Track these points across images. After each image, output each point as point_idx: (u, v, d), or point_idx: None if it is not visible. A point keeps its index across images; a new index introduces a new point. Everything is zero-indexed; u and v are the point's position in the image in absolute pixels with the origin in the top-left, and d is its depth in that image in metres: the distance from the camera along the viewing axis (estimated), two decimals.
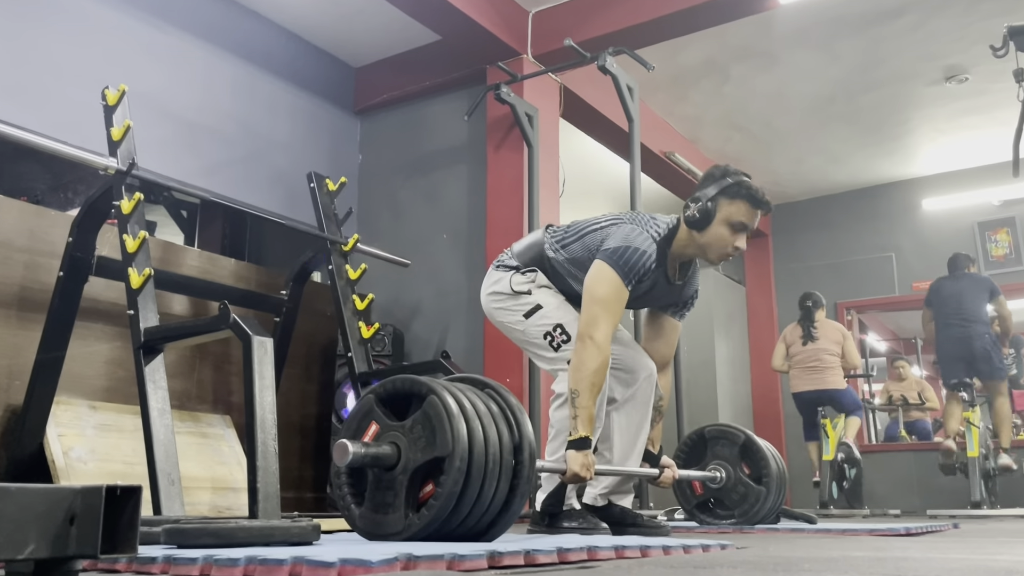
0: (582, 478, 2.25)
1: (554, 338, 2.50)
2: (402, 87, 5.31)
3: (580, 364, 2.30)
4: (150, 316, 2.71)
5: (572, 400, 2.29)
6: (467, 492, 1.68)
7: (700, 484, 3.15)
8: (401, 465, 1.73)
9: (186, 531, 1.54)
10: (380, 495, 1.75)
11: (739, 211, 2.42)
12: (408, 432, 1.74)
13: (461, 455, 1.66)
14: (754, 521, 3.05)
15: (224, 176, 4.63)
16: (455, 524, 1.70)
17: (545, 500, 2.49)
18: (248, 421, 2.41)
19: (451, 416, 1.69)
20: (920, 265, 7.22)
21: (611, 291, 2.36)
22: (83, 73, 3.93)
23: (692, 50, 5.30)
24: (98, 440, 3.21)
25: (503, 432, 1.77)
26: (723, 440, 3.14)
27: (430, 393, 1.74)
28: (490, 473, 1.71)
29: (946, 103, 6.05)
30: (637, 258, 2.38)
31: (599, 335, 2.31)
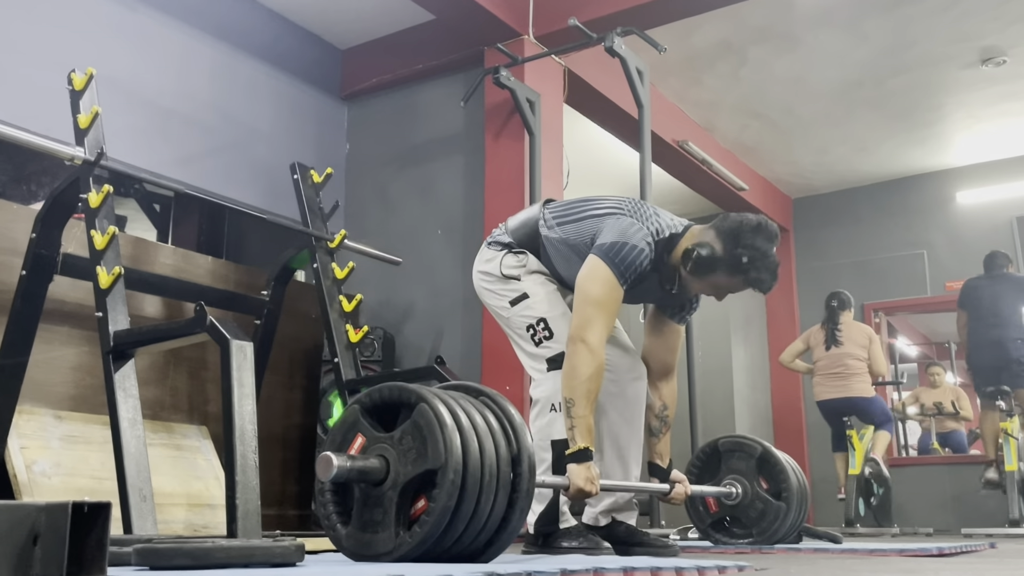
0: (587, 493, 2.25)
1: (536, 332, 2.53)
2: (393, 70, 5.31)
3: (573, 370, 2.30)
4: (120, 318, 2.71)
5: (567, 410, 2.29)
6: (462, 507, 1.67)
7: (715, 501, 3.15)
8: (390, 480, 1.72)
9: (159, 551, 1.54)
10: (368, 512, 1.75)
11: (732, 285, 2.45)
12: (397, 444, 1.74)
13: (455, 467, 1.66)
14: (774, 540, 3.05)
15: (200, 167, 4.63)
16: (449, 542, 1.70)
17: (538, 521, 2.49)
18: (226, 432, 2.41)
19: (443, 426, 1.68)
20: (954, 263, 7.23)
21: (605, 291, 2.36)
22: (47, 55, 3.93)
23: (707, 31, 5.29)
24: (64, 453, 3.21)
25: (500, 443, 1.77)
26: (739, 453, 3.14)
27: (420, 401, 1.73)
28: (487, 487, 1.70)
29: (982, 87, 6.05)
30: (634, 256, 2.38)
31: (593, 338, 2.31)
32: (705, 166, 6.39)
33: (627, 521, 2.63)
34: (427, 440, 1.69)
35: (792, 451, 7.50)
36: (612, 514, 2.62)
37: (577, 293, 2.42)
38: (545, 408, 2.49)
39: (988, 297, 5.86)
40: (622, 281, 2.38)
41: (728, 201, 7.07)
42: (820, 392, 6.06)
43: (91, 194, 2.84)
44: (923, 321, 9.65)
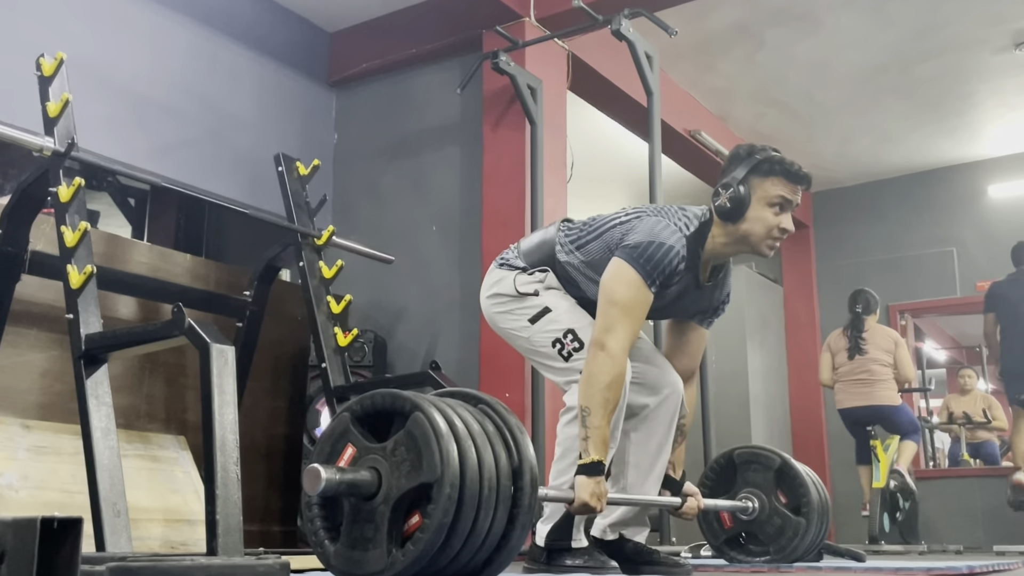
0: (592, 508, 2.24)
1: (564, 346, 2.49)
2: (384, 55, 5.31)
3: (591, 377, 2.29)
4: (92, 321, 2.71)
5: (583, 419, 2.28)
6: (459, 524, 1.67)
7: (729, 516, 3.15)
8: (382, 494, 1.72)
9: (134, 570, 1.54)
10: (358, 529, 1.75)
11: (777, 187, 2.42)
12: (390, 455, 1.74)
13: (451, 481, 1.65)
14: (792, 558, 3.05)
15: (178, 158, 4.63)
16: (445, 561, 1.69)
17: (549, 534, 2.49)
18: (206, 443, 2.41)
19: (439, 436, 1.68)
20: (985, 261, 7.22)
21: (631, 293, 2.34)
22: (13, 38, 3.93)
23: (721, 12, 5.30)
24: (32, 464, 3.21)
25: (500, 455, 1.76)
26: (755, 465, 3.14)
27: (415, 410, 1.73)
28: (485, 501, 1.70)
29: (1016, 73, 6.06)
30: (662, 255, 2.36)
31: (614, 344, 2.30)
32: (719, 157, 6.39)
33: (635, 539, 2.63)
34: (422, 451, 1.69)
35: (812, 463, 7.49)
36: (620, 530, 2.62)
37: (600, 296, 2.39)
38: (576, 417, 2.49)
39: (1016, 298, 5.84)
40: (649, 283, 2.35)
41: None
42: (842, 400, 6.06)
43: (61, 187, 2.85)
44: (952, 323, 9.65)
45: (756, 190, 2.42)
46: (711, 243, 2.49)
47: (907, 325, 7.76)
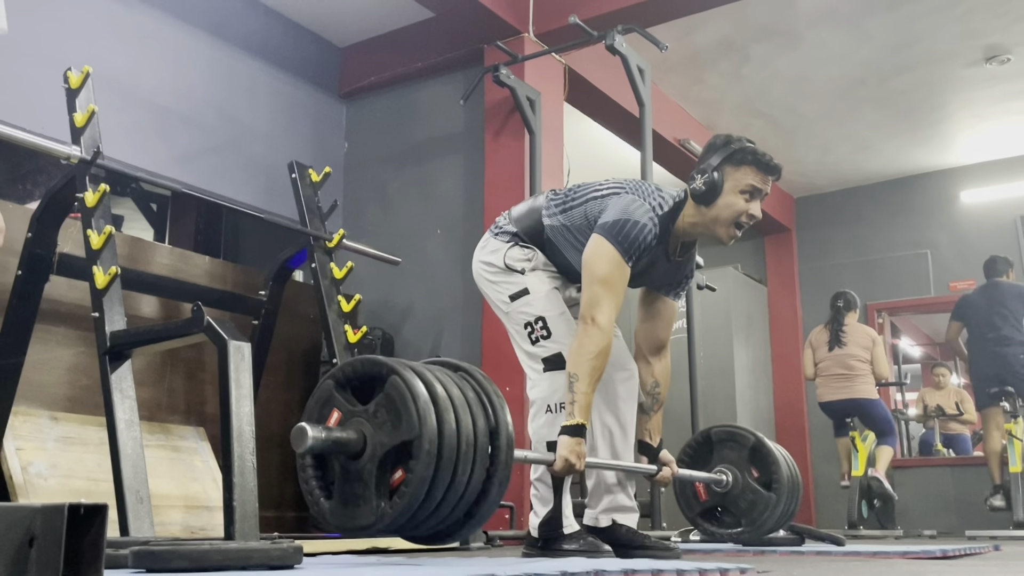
0: (572, 466, 2.26)
1: (534, 330, 2.52)
2: (392, 69, 5.31)
3: (581, 347, 2.32)
4: (116, 319, 2.71)
5: (570, 384, 2.31)
6: (439, 476, 1.69)
7: (705, 489, 3.14)
8: (368, 452, 1.74)
9: (156, 554, 1.54)
10: (349, 486, 1.76)
11: (748, 176, 2.45)
12: (372, 417, 1.75)
13: (430, 437, 1.67)
14: (763, 531, 3.04)
15: (197, 166, 4.63)
16: (429, 511, 1.71)
17: (542, 525, 2.49)
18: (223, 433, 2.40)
19: (416, 396, 1.70)
20: (958, 263, 7.22)
21: (611, 269, 2.38)
22: (43, 53, 3.93)
23: (709, 28, 5.30)
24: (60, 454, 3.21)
25: (478, 415, 1.79)
26: (731, 442, 3.14)
27: (391, 374, 1.75)
28: (463, 456, 1.72)
29: (986, 86, 6.05)
30: (637, 232, 2.39)
31: (602, 317, 2.34)
32: None
33: (628, 523, 2.63)
34: (401, 412, 1.71)
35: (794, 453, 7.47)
36: (612, 516, 2.62)
37: (584, 273, 2.43)
38: (541, 409, 2.49)
39: (984, 307, 5.85)
40: (627, 258, 2.39)
41: None
42: (823, 393, 6.05)
43: (87, 193, 2.84)
44: (927, 321, 9.65)
45: (729, 178, 2.46)
46: (681, 222, 2.52)
47: (884, 323, 7.75)
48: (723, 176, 2.45)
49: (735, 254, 7.83)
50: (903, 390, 8.15)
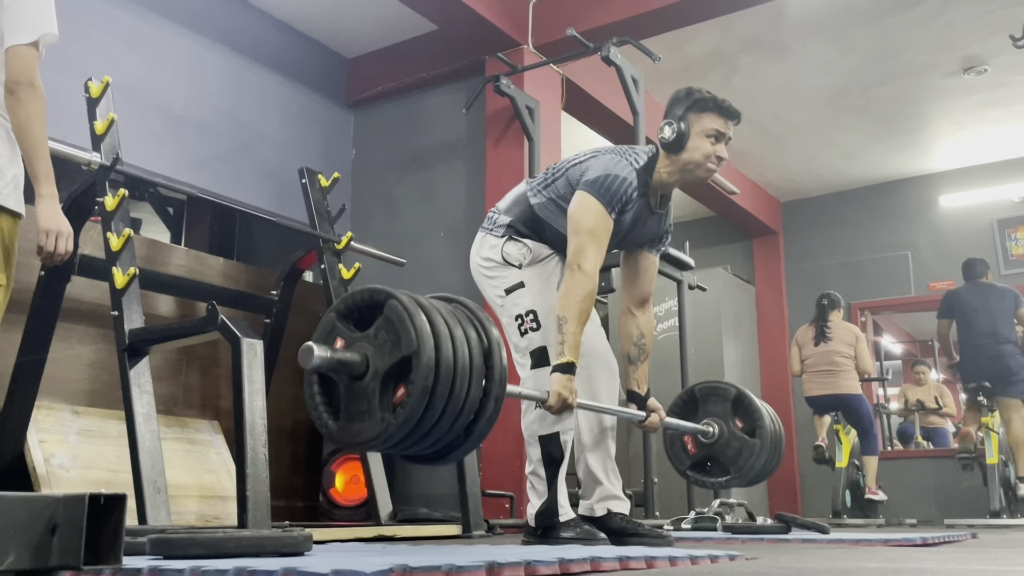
0: (566, 401, 2.30)
1: (524, 322, 2.53)
2: (397, 79, 5.31)
3: (568, 292, 2.39)
4: (135, 317, 2.71)
5: (560, 327, 2.37)
6: (438, 388, 1.72)
7: (693, 442, 3.16)
8: (370, 372, 1.76)
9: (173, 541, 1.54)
10: (354, 405, 1.79)
11: (712, 121, 2.54)
12: (373, 340, 1.78)
13: (427, 352, 1.71)
14: (750, 477, 3.04)
15: (212, 171, 4.63)
16: (430, 424, 1.74)
17: (537, 515, 2.49)
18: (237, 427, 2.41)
19: (412, 315, 1.74)
20: (937, 264, 7.23)
21: (596, 220, 2.44)
22: (64, 63, 3.93)
23: (699, 40, 5.30)
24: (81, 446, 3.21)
25: (472, 338, 1.83)
26: (714, 396, 3.16)
27: (389, 298, 1.79)
28: (460, 372, 1.76)
29: (964, 96, 6.06)
30: (618, 185, 2.46)
31: (588, 265, 2.40)
32: None
33: (622, 512, 2.63)
34: (399, 331, 1.74)
35: None
36: (607, 505, 2.62)
37: (569, 226, 2.47)
38: (531, 405, 2.49)
39: (979, 308, 5.76)
40: (610, 210, 2.45)
41: (720, 204, 7.06)
42: (809, 388, 6.05)
43: (107, 197, 2.85)
44: (908, 320, 9.65)
45: (694, 124, 2.53)
46: (658, 175, 2.58)
47: (867, 321, 7.75)
48: (688, 124, 2.53)
49: (724, 256, 7.83)
50: (885, 385, 8.14)
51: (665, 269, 5.31)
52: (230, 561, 1.38)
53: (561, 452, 2.47)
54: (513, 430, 4.34)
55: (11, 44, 2.03)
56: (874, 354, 7.82)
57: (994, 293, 5.82)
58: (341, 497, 4.32)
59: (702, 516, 3.94)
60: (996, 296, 5.79)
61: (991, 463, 5.62)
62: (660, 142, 2.57)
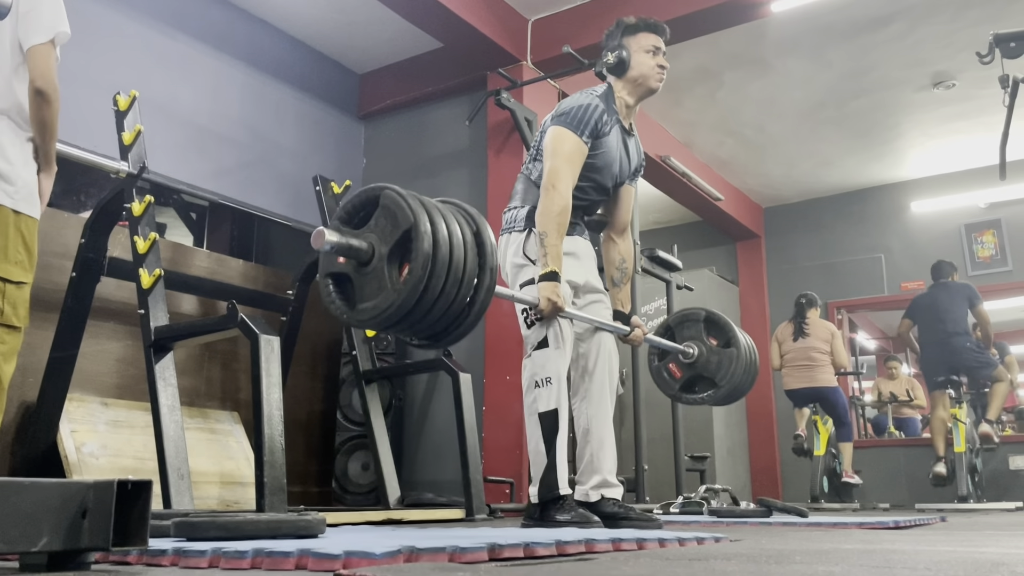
0: (555, 303, 2.37)
1: (528, 315, 2.53)
2: (405, 93, 5.31)
3: (545, 210, 2.48)
4: (160, 315, 2.71)
5: (541, 241, 2.45)
6: (439, 256, 1.79)
7: (677, 367, 3.16)
8: (376, 255, 1.83)
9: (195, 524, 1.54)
10: (367, 288, 1.85)
11: (647, 38, 2.70)
12: (375, 229, 1.85)
13: (423, 222, 1.79)
14: (734, 383, 3.05)
15: (232, 179, 4.63)
16: (436, 292, 1.80)
17: (539, 489, 2.49)
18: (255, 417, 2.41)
19: (406, 197, 1.82)
20: (909, 265, 7.23)
21: (568, 145, 2.54)
22: (95, 79, 3.93)
23: (686, 57, 5.30)
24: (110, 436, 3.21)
25: (462, 221, 1.92)
26: (687, 323, 3.19)
27: (382, 190, 1.86)
28: (456, 245, 1.84)
29: (934, 108, 6.05)
30: (583, 110, 2.57)
31: (561, 185, 2.50)
32: (685, 179, 6.39)
33: (615, 497, 2.63)
34: (396, 213, 1.82)
35: (764, 436, 7.51)
36: (601, 491, 2.62)
37: (545, 155, 2.57)
38: (530, 386, 2.50)
39: (933, 307, 5.86)
40: (579, 133, 2.55)
41: (706, 210, 7.06)
42: (789, 382, 6.06)
43: (134, 204, 2.85)
44: (881, 317, 9.64)
45: (632, 45, 2.69)
46: (619, 99, 2.70)
47: (843, 319, 7.75)
48: (627, 48, 2.69)
49: (710, 258, 7.82)
50: (860, 379, 8.14)
51: (654, 270, 5.31)
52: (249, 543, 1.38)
53: (558, 426, 2.47)
54: (513, 422, 4.35)
55: (31, 45, 2.14)
56: (849, 349, 7.82)
57: (950, 289, 5.87)
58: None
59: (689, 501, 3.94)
60: (952, 291, 5.85)
61: (959, 451, 5.62)
62: (607, 70, 2.71)
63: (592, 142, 2.59)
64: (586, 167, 2.61)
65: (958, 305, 5.79)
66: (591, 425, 2.64)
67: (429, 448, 4.70)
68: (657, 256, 5.25)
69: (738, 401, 7.43)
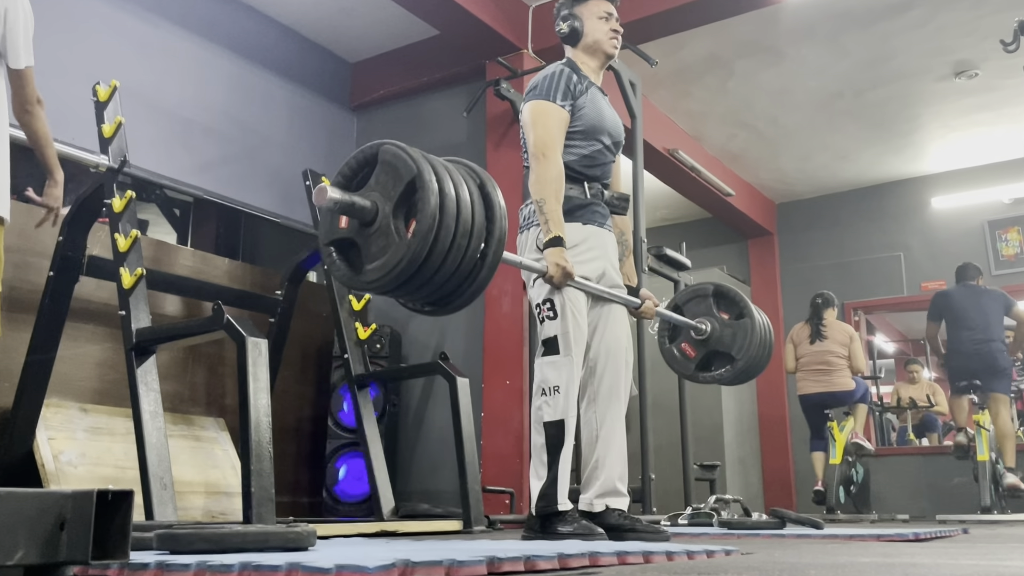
0: (563, 268, 2.42)
1: (541, 311, 2.55)
2: (399, 83, 5.31)
3: (540, 177, 2.55)
4: (142, 317, 2.71)
5: (540, 209, 2.52)
6: (446, 204, 1.81)
7: (691, 346, 3.18)
8: (381, 213, 1.84)
9: (179, 537, 1.54)
10: (374, 247, 1.86)
11: (597, 5, 2.80)
12: (376, 187, 1.87)
13: (427, 172, 1.80)
14: (750, 354, 3.06)
15: (218, 174, 4.63)
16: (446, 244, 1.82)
17: (538, 502, 2.49)
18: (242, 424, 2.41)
19: (406, 149, 1.84)
20: (929, 265, 7.23)
21: (547, 115, 2.61)
22: (73, 68, 3.93)
23: (696, 45, 5.30)
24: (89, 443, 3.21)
25: (466, 176, 1.95)
26: (695, 299, 3.21)
27: (381, 145, 1.88)
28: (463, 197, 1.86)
29: (955, 99, 6.05)
30: (550, 80, 2.66)
31: (550, 152, 2.58)
32: (694, 173, 6.39)
33: (620, 507, 2.63)
34: (397, 165, 1.84)
35: (777, 443, 7.51)
36: (605, 501, 2.62)
37: (526, 131, 2.65)
38: (538, 392, 2.51)
39: (971, 308, 5.82)
40: (553, 99, 2.63)
41: (715, 206, 7.07)
42: (804, 387, 6.05)
43: (115, 199, 2.85)
44: (900, 319, 9.65)
45: (584, 13, 2.79)
46: (582, 67, 2.79)
47: (860, 321, 7.75)
48: (580, 16, 2.78)
49: (720, 256, 7.83)
50: (878, 383, 8.14)
51: (662, 270, 5.31)
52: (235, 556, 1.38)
53: (563, 438, 2.47)
54: (513, 429, 4.35)
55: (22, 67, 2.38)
56: (867, 353, 7.82)
57: (985, 294, 5.86)
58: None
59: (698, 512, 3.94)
60: (987, 297, 5.83)
61: (982, 460, 5.62)
62: (563, 40, 2.82)
63: (572, 104, 2.67)
64: (582, 131, 2.68)
65: (992, 311, 5.77)
66: (600, 429, 2.63)
67: (425, 456, 4.70)
68: (665, 255, 5.26)
69: (749, 407, 7.45)
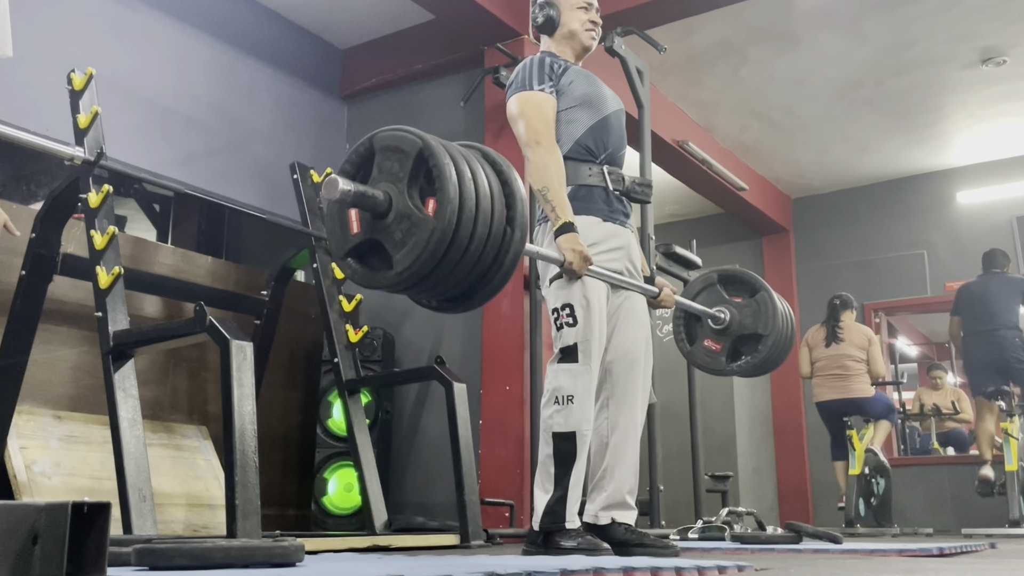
0: (582, 254, 2.42)
1: (559, 316, 2.54)
2: (393, 70, 5.30)
3: (539, 166, 2.58)
4: (120, 318, 2.71)
5: (544, 197, 2.54)
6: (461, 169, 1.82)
7: (713, 340, 3.22)
8: (395, 200, 1.84)
9: (159, 551, 1.54)
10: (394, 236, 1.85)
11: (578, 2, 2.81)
12: (381, 177, 1.87)
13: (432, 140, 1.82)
14: (777, 327, 3.10)
15: (200, 167, 4.63)
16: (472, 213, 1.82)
17: (543, 517, 2.48)
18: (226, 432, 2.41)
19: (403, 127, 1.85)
20: (954, 263, 7.23)
21: (530, 102, 2.64)
22: (46, 54, 3.93)
23: (707, 31, 5.30)
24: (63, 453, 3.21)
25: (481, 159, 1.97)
26: (704, 291, 3.25)
27: (374, 135, 1.89)
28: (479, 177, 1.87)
29: (982, 87, 6.05)
30: (528, 69, 2.68)
31: (543, 138, 2.61)
32: (705, 166, 6.39)
33: (626, 521, 2.62)
34: (400, 145, 1.85)
35: (793, 452, 7.51)
36: (611, 514, 2.61)
37: (513, 123, 2.69)
38: (550, 400, 2.50)
39: (981, 297, 5.88)
40: (539, 87, 2.66)
41: (728, 201, 7.06)
42: (820, 393, 6.04)
43: (91, 194, 2.85)
44: (923, 321, 9.65)
45: (562, 2, 2.81)
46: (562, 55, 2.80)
47: (881, 323, 7.75)
48: (556, 4, 2.80)
49: (733, 255, 7.82)
50: (900, 389, 8.14)
51: (671, 268, 5.31)
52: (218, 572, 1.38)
53: (575, 452, 2.46)
54: (513, 438, 4.35)
55: None
56: (889, 357, 7.82)
57: (1001, 279, 5.88)
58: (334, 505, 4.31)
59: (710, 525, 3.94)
60: (1002, 282, 5.86)
61: (1010, 470, 5.62)
62: (538, 30, 2.83)
63: (555, 86, 2.68)
64: (580, 103, 2.71)
65: (1010, 297, 5.81)
66: (611, 435, 2.63)
67: (420, 466, 4.70)
68: (674, 252, 5.25)
69: (763, 414, 7.43)
